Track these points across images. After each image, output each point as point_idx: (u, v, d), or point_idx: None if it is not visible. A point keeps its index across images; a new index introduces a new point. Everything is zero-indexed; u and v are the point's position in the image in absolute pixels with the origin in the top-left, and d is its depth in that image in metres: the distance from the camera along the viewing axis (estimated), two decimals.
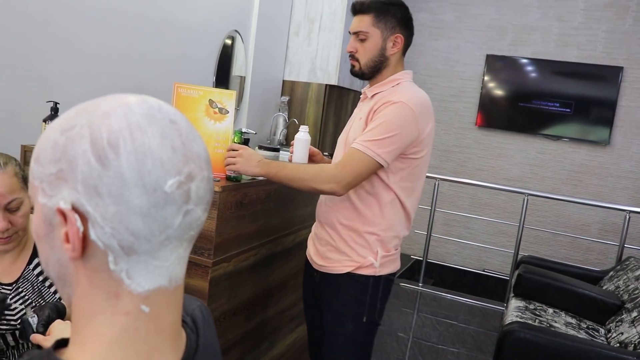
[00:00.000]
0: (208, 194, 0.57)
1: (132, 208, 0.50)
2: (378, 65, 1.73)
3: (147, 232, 0.51)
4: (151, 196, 0.51)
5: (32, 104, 2.19)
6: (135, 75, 2.81)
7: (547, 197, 4.53)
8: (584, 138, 5.00)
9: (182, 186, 0.52)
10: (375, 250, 1.73)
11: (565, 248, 5.16)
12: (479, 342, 3.63)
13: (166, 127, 0.53)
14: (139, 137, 0.51)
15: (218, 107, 1.83)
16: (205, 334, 0.71)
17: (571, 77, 5.01)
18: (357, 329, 1.77)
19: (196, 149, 0.55)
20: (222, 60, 3.64)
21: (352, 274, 1.74)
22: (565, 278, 3.23)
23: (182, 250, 0.56)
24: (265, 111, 4.35)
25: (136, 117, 0.52)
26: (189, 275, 1.77)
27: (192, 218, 0.55)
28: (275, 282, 2.26)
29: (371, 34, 1.71)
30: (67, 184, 0.51)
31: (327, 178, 1.62)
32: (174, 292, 0.57)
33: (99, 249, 0.52)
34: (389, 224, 1.73)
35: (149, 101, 0.55)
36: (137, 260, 0.53)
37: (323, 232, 1.82)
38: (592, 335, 2.78)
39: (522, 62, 5.15)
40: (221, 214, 1.74)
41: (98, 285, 0.53)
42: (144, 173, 0.50)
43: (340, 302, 1.78)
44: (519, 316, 2.82)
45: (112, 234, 0.51)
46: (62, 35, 2.35)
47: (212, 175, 0.59)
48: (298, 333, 2.61)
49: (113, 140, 0.50)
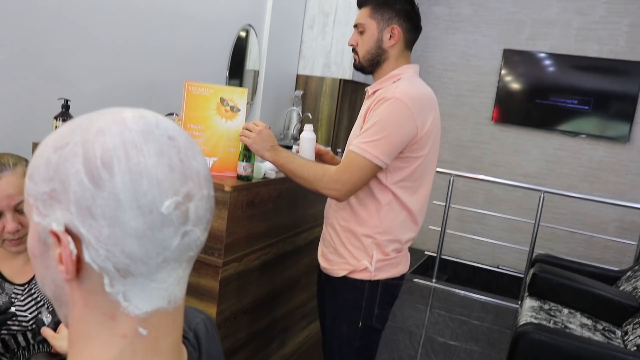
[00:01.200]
0: (208, 213, 0.55)
1: (128, 230, 0.48)
2: (376, 58, 1.69)
3: (144, 254, 0.50)
4: (147, 218, 0.49)
5: (44, 101, 2.19)
6: (147, 72, 2.80)
7: (564, 194, 4.46)
8: (602, 134, 4.91)
9: (179, 207, 0.51)
10: (371, 253, 1.68)
11: (582, 246, 5.08)
12: (493, 340, 3.60)
13: (164, 144, 0.51)
14: (134, 156, 0.49)
15: (229, 105, 1.81)
16: (208, 349, 0.69)
17: (591, 73, 4.91)
18: (353, 334, 1.73)
19: (195, 166, 0.53)
20: (235, 54, 3.62)
21: (347, 277, 1.71)
22: (581, 278, 3.18)
23: (181, 271, 0.54)
24: (279, 106, 4.33)
25: (132, 135, 0.50)
26: (200, 275, 1.76)
27: (191, 239, 0.53)
28: (287, 281, 2.24)
29: (368, 25, 1.68)
30: (60, 205, 0.49)
31: (328, 183, 1.59)
32: (173, 313, 0.55)
33: (94, 271, 0.50)
34: (387, 227, 1.67)
35: (146, 116, 0.53)
36: (133, 282, 0.51)
37: (326, 232, 1.81)
38: (608, 337, 2.73)
39: (540, 56, 5.06)
40: (232, 214, 1.73)
41: (94, 307, 0.52)
42: (140, 194, 0.48)
43: (337, 306, 1.76)
44: (534, 316, 2.78)
45: (106, 256, 0.49)
46: (74, 32, 2.35)
47: (212, 192, 0.57)
48: (310, 331, 2.60)
49: (107, 160, 0.48)
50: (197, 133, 1.79)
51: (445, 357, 3.27)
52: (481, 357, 3.35)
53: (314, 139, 1.85)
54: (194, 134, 1.78)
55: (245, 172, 1.78)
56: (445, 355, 3.28)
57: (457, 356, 3.31)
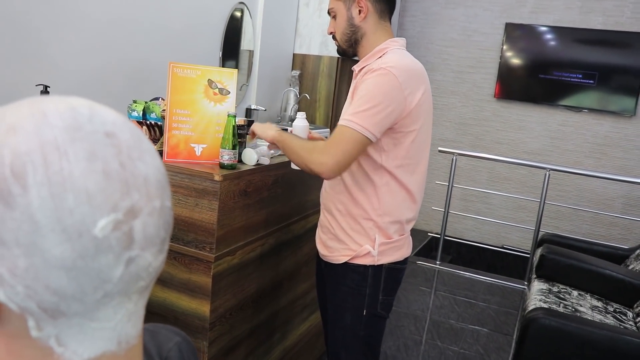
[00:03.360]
0: (162, 231, 0.43)
1: (51, 260, 0.37)
2: (352, 37, 1.65)
3: (76, 290, 0.38)
4: (76, 243, 0.37)
5: (24, 87, 2.06)
6: (136, 53, 2.66)
7: (569, 172, 4.35)
8: (607, 109, 4.77)
9: (120, 226, 0.39)
10: (374, 237, 1.62)
11: (588, 223, 4.98)
12: (500, 322, 3.52)
13: (98, 142, 0.39)
14: (55, 162, 0.37)
15: (218, 87, 1.69)
16: None
17: (595, 46, 4.76)
18: (357, 322, 1.67)
19: (143, 171, 0.41)
20: (230, 34, 3.49)
21: (349, 264, 1.64)
22: (590, 258, 3.08)
23: (131, 305, 0.43)
24: (276, 86, 4.20)
25: (53, 132, 0.38)
26: (191, 271, 1.65)
27: (140, 266, 0.41)
28: (286, 272, 2.14)
29: (337, 8, 1.65)
30: None
31: (316, 157, 1.51)
32: (126, 355, 0.44)
33: (12, 312, 0.39)
34: (386, 208, 1.61)
35: (77, 107, 0.41)
36: (67, 323, 0.40)
37: (324, 218, 1.74)
38: (619, 319, 2.64)
39: (544, 30, 4.90)
40: (223, 205, 1.61)
41: (18, 355, 0.40)
42: (64, 212, 0.37)
43: (339, 294, 1.69)
44: (543, 300, 2.69)
45: (26, 294, 0.38)
46: (57, 10, 2.21)
47: (168, 203, 0.44)
48: (311, 321, 2.51)
49: (18, 168, 0.37)
50: (184, 118, 1.67)
51: (452, 341, 3.19)
52: (489, 340, 3.26)
53: (306, 127, 1.77)
54: (181, 119, 1.66)
55: (229, 161, 1.65)
56: (452, 340, 3.20)
57: (464, 340, 3.23)
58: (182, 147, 1.69)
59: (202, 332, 1.67)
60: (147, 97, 2.19)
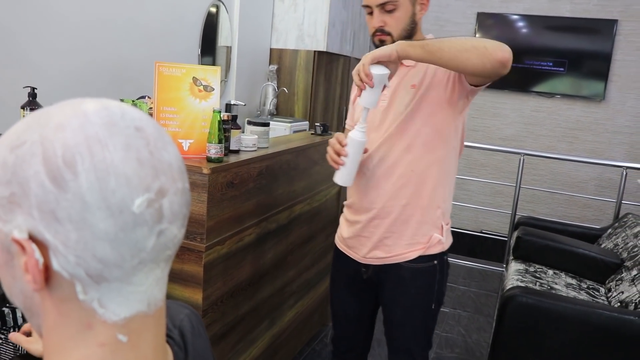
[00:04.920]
0: (184, 208, 0.51)
1: (97, 233, 0.44)
2: (409, 33, 1.58)
3: (117, 257, 0.46)
4: (118, 219, 0.44)
5: (9, 90, 2.10)
6: (117, 52, 2.70)
7: (543, 156, 4.49)
8: (578, 94, 4.92)
9: (152, 204, 0.46)
10: (440, 224, 1.64)
11: (563, 206, 5.14)
12: (480, 305, 3.64)
13: (131, 136, 0.47)
14: (98, 152, 0.44)
15: (203, 84, 1.75)
16: (194, 346, 0.66)
17: (564, 32, 4.89)
18: (428, 317, 1.70)
19: (167, 158, 0.49)
20: (207, 31, 3.53)
21: (421, 261, 1.62)
22: (564, 238, 3.21)
23: (159, 271, 0.50)
24: (254, 81, 4.25)
25: (95, 128, 0.45)
26: (183, 261, 1.72)
27: (168, 237, 0.49)
28: (272, 260, 2.22)
29: (400, 1, 1.53)
30: (22, 210, 0.45)
31: (494, 44, 1.38)
32: (154, 315, 0.52)
33: (64, 278, 0.46)
34: (451, 191, 1.65)
35: (110, 107, 0.48)
36: (108, 287, 0.47)
37: (377, 219, 1.64)
38: (592, 295, 2.77)
39: (514, 18, 5.03)
40: (212, 197, 1.68)
41: (68, 316, 0.48)
42: (108, 193, 0.44)
43: (407, 297, 1.67)
44: (520, 279, 2.80)
45: (77, 262, 0.45)
46: (39, 12, 2.24)
47: (187, 185, 0.52)
48: (297, 309, 2.59)
49: (69, 158, 0.44)
50: (171, 115, 1.73)
51: None
52: (469, 321, 3.38)
53: (364, 144, 1.54)
54: (168, 117, 1.72)
55: (216, 155, 1.72)
56: None
57: (445, 322, 3.34)
58: None
59: None
60: (130, 96, 2.23)
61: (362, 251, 1.69)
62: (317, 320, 2.94)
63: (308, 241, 2.60)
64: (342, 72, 4.86)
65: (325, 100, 4.60)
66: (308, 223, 2.57)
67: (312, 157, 2.50)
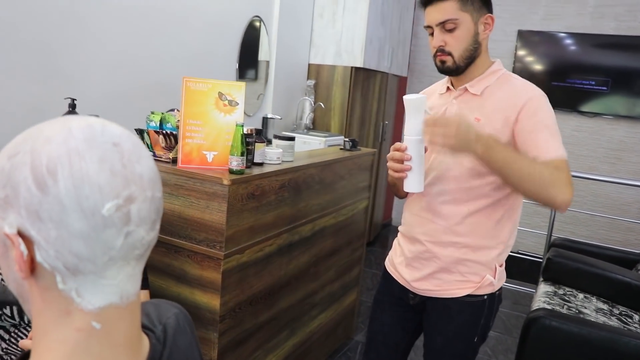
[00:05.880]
0: (153, 214, 0.57)
1: (73, 232, 0.51)
2: (473, 54, 1.52)
3: (90, 254, 0.53)
4: (90, 220, 0.51)
5: (52, 101, 2.24)
6: (155, 68, 2.83)
7: (582, 177, 4.38)
8: (622, 114, 4.80)
9: (121, 209, 0.53)
10: (494, 266, 1.59)
11: (604, 229, 5.00)
12: (509, 326, 3.58)
13: (107, 150, 0.54)
14: (76, 163, 0.52)
15: (227, 99, 1.83)
16: (176, 342, 0.71)
17: (608, 51, 4.79)
18: (469, 350, 1.66)
19: (139, 170, 0.56)
20: (247, 46, 3.64)
21: (469, 296, 1.59)
22: (598, 262, 3.13)
23: (130, 268, 0.57)
24: (291, 95, 4.34)
25: (76, 142, 0.53)
26: (202, 267, 1.79)
27: (135, 239, 0.55)
28: (293, 271, 2.26)
29: (461, 19, 1.48)
30: (13, 209, 0.52)
31: (565, 185, 1.37)
32: (127, 308, 0.58)
33: (46, 270, 0.53)
34: (510, 233, 1.59)
35: (93, 124, 0.56)
36: (84, 279, 0.54)
37: (429, 253, 1.62)
38: (624, 322, 2.69)
39: (556, 37, 4.96)
40: (231, 207, 1.75)
41: (50, 302, 0.55)
42: (82, 198, 0.51)
43: (451, 327, 1.63)
44: (547, 302, 2.76)
45: (56, 256, 0.52)
46: (82, 30, 2.39)
47: (158, 194, 0.59)
48: (320, 320, 2.63)
49: (52, 167, 0.51)
50: (197, 128, 1.81)
51: None
52: (497, 342, 3.33)
53: (422, 140, 1.47)
54: (194, 129, 1.80)
55: (237, 167, 1.78)
56: None
57: None
58: (195, 155, 1.83)
59: (212, 324, 1.80)
60: (164, 108, 2.33)
61: (410, 279, 1.68)
62: (341, 334, 2.96)
63: (333, 254, 2.64)
64: (379, 88, 4.90)
65: (362, 115, 4.64)
66: (333, 236, 2.60)
67: (339, 171, 2.54)
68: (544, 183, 1.36)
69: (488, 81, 1.55)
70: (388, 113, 5.18)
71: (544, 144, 1.43)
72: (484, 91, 1.54)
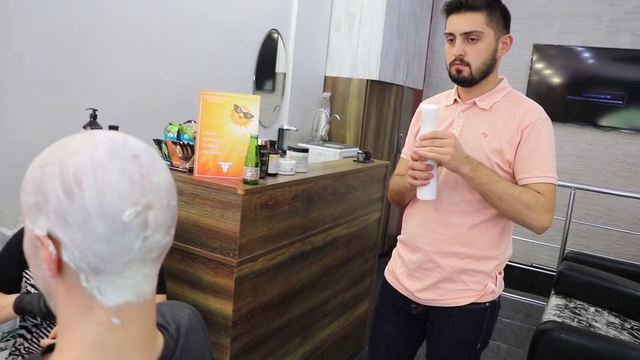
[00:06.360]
0: (168, 220, 0.63)
1: (96, 235, 0.57)
2: (489, 68, 1.57)
3: (111, 255, 0.58)
4: (111, 225, 0.57)
5: (76, 111, 2.32)
6: (174, 79, 2.91)
7: (596, 190, 4.39)
8: (638, 128, 4.79)
9: (139, 215, 0.59)
10: (495, 275, 1.65)
11: (619, 243, 4.97)
12: (521, 338, 3.58)
13: (127, 162, 0.59)
14: (100, 174, 0.57)
15: (243, 112, 1.90)
16: (188, 341, 0.77)
17: (624, 65, 4.80)
18: (471, 356, 1.72)
19: (156, 181, 0.61)
20: (264, 58, 3.72)
21: (472, 304, 1.65)
22: (610, 276, 3.13)
23: (147, 269, 0.63)
24: (307, 107, 4.41)
25: (99, 155, 0.59)
26: (216, 274, 1.85)
27: (152, 243, 0.61)
28: (305, 280, 2.31)
29: (485, 34, 1.53)
30: (43, 214, 0.58)
31: (541, 214, 1.49)
32: (143, 306, 0.64)
33: (71, 269, 0.59)
34: (508, 244, 1.67)
35: (115, 139, 0.62)
36: (105, 278, 0.60)
37: (432, 263, 1.66)
38: (636, 336, 2.70)
39: (572, 50, 4.98)
40: (245, 216, 1.81)
41: (74, 299, 0.61)
42: (104, 205, 0.57)
43: (455, 335, 1.68)
44: (557, 315, 2.77)
45: (80, 256, 0.58)
46: (106, 43, 2.48)
47: (173, 202, 0.64)
48: (332, 329, 2.67)
49: (78, 177, 0.57)
50: (213, 139, 1.88)
51: None
52: (508, 355, 3.34)
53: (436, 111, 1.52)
54: (210, 140, 1.87)
55: (252, 177, 1.85)
56: None
57: (484, 354, 3.30)
58: (211, 165, 1.90)
59: (225, 330, 1.86)
60: (182, 119, 2.41)
61: (413, 290, 1.71)
62: (353, 343, 3.00)
63: (345, 264, 2.69)
64: (395, 101, 4.95)
65: (377, 127, 4.70)
66: (345, 247, 2.65)
67: (352, 183, 2.59)
68: (522, 206, 1.48)
69: (496, 97, 1.61)
70: (403, 125, 5.23)
71: (538, 165, 1.52)
72: (492, 107, 1.60)
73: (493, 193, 1.49)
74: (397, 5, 4.50)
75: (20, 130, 2.23)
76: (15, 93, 2.19)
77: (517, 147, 1.55)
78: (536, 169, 1.52)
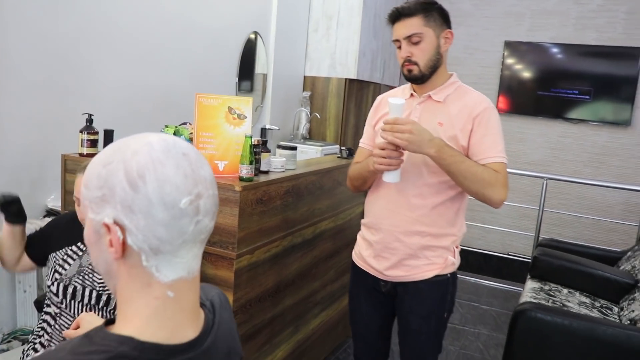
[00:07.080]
0: (214, 207, 0.75)
1: (157, 221, 0.68)
2: (435, 64, 1.74)
3: (169, 237, 0.69)
4: (170, 211, 0.68)
5: (70, 116, 2.41)
6: (163, 81, 3.01)
7: (566, 180, 4.60)
8: (604, 120, 5.03)
9: (193, 203, 0.70)
10: (453, 249, 1.83)
11: (589, 229, 5.21)
12: (500, 323, 3.76)
13: (179, 159, 0.71)
14: (159, 169, 0.68)
15: (236, 113, 2.01)
16: (221, 314, 0.88)
17: (590, 60, 5.03)
18: (441, 325, 1.89)
19: (203, 174, 0.73)
20: (245, 59, 3.82)
21: (436, 276, 1.81)
22: (581, 259, 3.33)
23: (196, 249, 0.74)
24: (288, 107, 4.52)
25: (157, 153, 0.70)
26: (217, 267, 1.96)
27: (202, 226, 0.72)
28: (297, 271, 2.44)
29: (425, 34, 1.71)
30: (109, 205, 0.69)
31: (500, 189, 1.66)
32: (192, 281, 0.75)
33: (134, 251, 0.70)
34: (462, 222, 1.85)
35: (167, 139, 0.73)
36: (162, 258, 0.71)
37: (397, 242, 1.81)
38: (604, 313, 2.88)
39: (541, 47, 5.19)
40: (242, 211, 1.92)
41: (135, 277, 0.72)
42: (165, 195, 0.68)
43: (424, 306, 1.84)
44: (533, 297, 2.95)
45: (143, 239, 0.69)
46: (99, 50, 2.57)
47: (216, 192, 0.76)
48: (322, 318, 2.80)
49: (141, 172, 0.68)
50: (209, 140, 1.99)
51: (453, 339, 3.44)
52: (488, 338, 3.51)
53: (403, 106, 1.70)
54: (206, 141, 1.98)
55: (247, 174, 1.96)
56: (454, 338, 3.46)
57: (465, 338, 3.48)
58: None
59: None
60: (173, 120, 2.52)
61: (381, 269, 1.86)
62: (341, 331, 3.13)
63: (332, 256, 2.82)
64: (372, 99, 5.09)
65: (356, 125, 4.84)
66: (332, 239, 2.78)
67: (337, 178, 2.72)
68: (484, 183, 1.65)
69: (449, 90, 1.79)
70: None
71: (491, 147, 1.71)
72: (445, 99, 1.78)
73: (459, 172, 1.65)
74: (373, 6, 4.65)
75: (17, 135, 2.31)
76: (12, 98, 2.27)
77: (470, 134, 1.73)
78: (489, 151, 1.70)
